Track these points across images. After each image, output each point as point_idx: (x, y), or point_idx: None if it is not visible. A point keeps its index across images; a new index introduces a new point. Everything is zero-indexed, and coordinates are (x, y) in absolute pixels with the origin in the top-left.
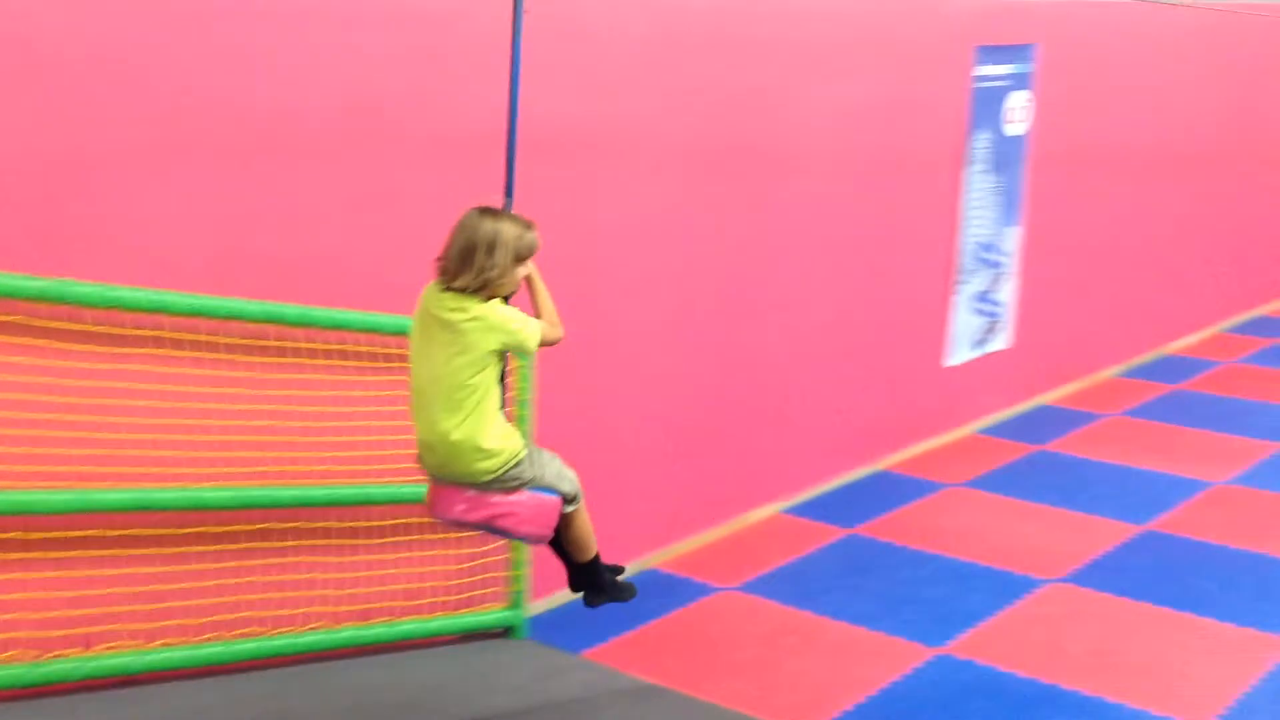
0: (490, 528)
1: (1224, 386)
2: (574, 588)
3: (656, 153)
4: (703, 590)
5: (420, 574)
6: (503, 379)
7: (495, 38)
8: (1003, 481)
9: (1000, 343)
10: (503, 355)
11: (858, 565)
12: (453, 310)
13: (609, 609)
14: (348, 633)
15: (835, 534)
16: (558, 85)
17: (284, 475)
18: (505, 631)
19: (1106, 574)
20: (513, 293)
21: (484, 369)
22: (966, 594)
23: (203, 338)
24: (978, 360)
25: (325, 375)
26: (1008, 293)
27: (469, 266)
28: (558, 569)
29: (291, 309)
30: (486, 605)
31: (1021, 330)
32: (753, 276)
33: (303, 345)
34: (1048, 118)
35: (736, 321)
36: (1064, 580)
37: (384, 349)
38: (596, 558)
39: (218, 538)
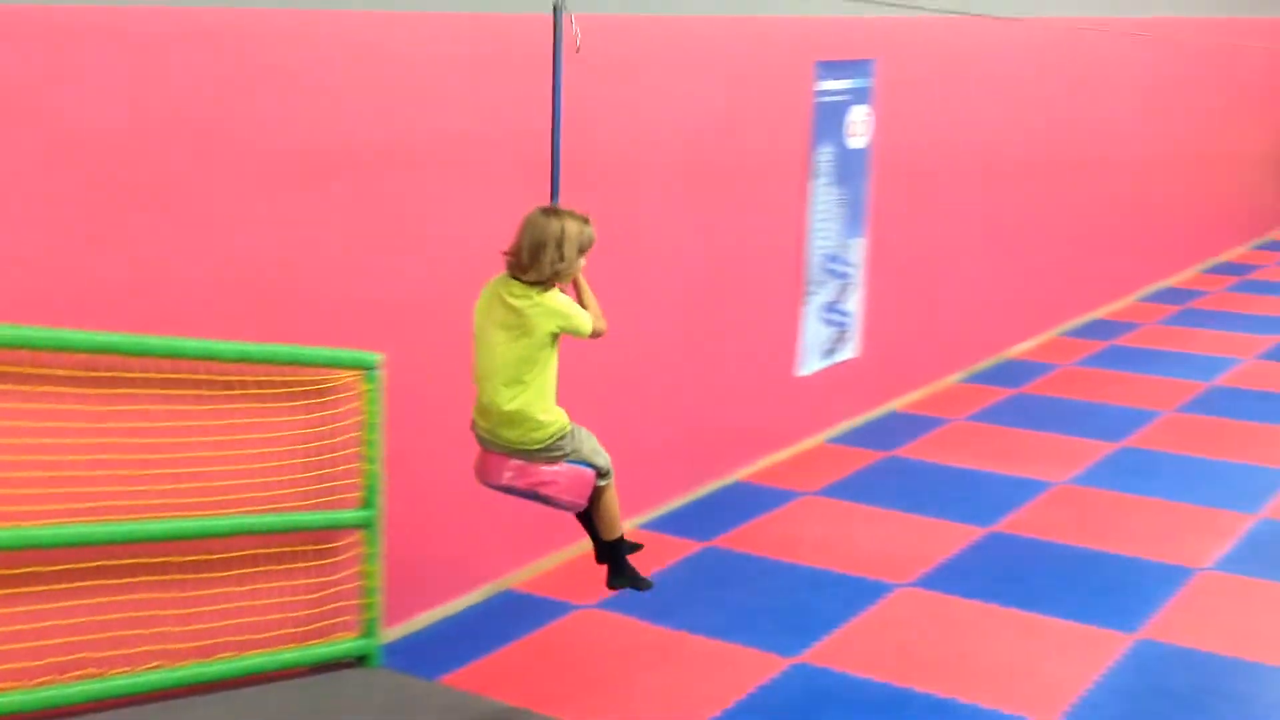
0: (534, 494)
1: (1063, 389)
2: (599, 560)
3: (492, 167)
4: (561, 609)
5: (267, 605)
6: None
7: (291, 60)
8: (854, 488)
9: (849, 352)
10: (557, 338)
11: (714, 578)
12: (519, 298)
13: (469, 631)
14: (190, 670)
15: (692, 547)
16: (385, 101)
17: (120, 509)
18: (359, 661)
19: (955, 576)
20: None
21: (542, 349)
22: (821, 602)
23: (28, 370)
24: (828, 370)
25: (162, 405)
26: (855, 303)
27: (539, 261)
28: (412, 594)
29: (125, 338)
30: (338, 635)
31: (869, 339)
32: (599, 291)
33: (137, 375)
34: (888, 130)
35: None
36: (914, 584)
37: (222, 376)
38: (621, 539)
39: (51, 577)
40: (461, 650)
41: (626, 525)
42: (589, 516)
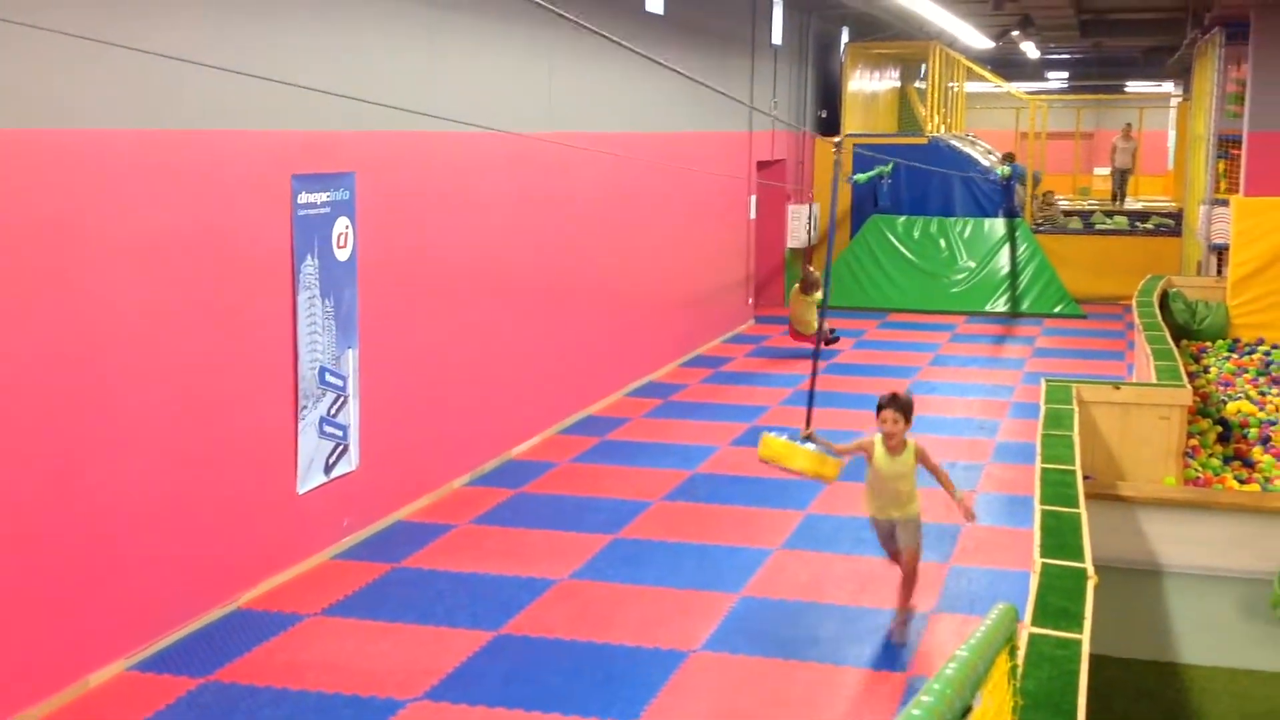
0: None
1: (562, 485)
2: (826, 342)
3: None
4: None
5: None
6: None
7: None
8: (361, 604)
9: (349, 464)
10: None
11: (212, 716)
12: (810, 297)
13: None
14: None
15: (187, 685)
16: None
17: None
18: None
19: (464, 684)
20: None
21: (814, 306)
22: None
23: None
24: (329, 484)
25: None
26: (352, 414)
27: (816, 288)
28: None
29: None
30: None
31: (369, 450)
32: (67, 424)
33: None
34: (376, 241)
35: (53, 469)
36: (424, 698)
37: None
38: (825, 340)
39: None
40: None
41: (116, 667)
42: (819, 333)
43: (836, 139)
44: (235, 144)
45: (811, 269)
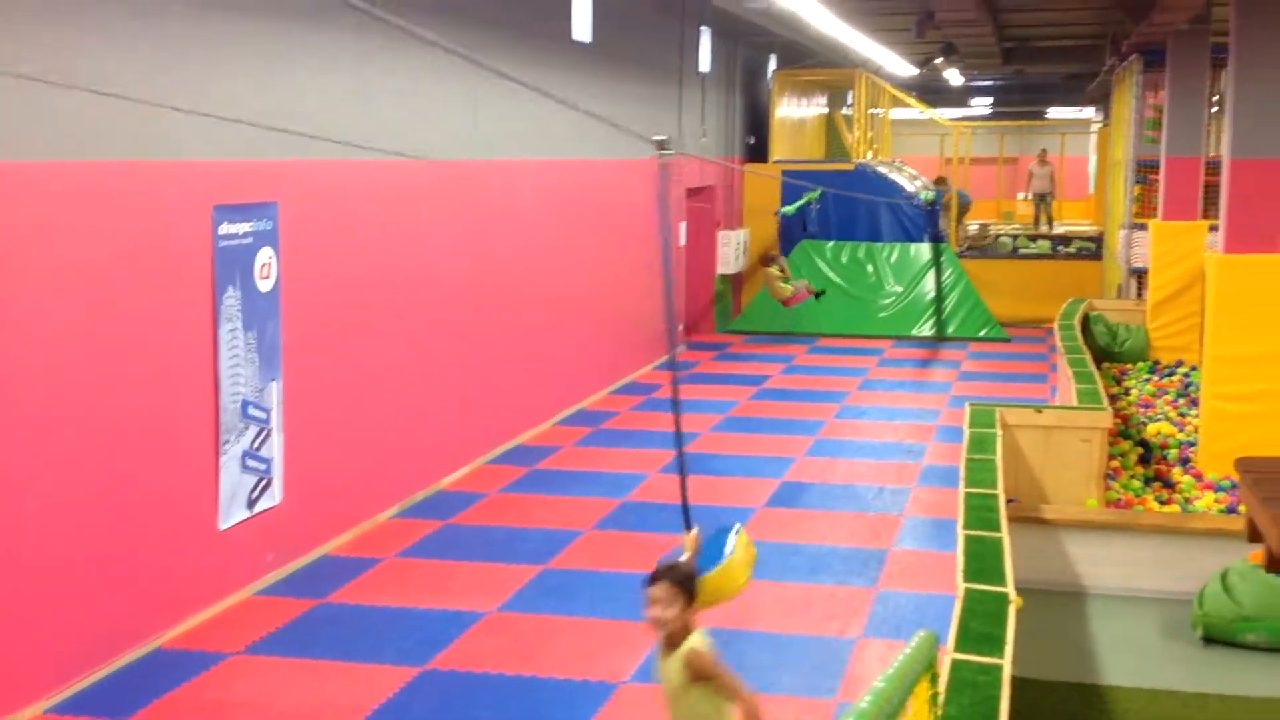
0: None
1: (491, 516)
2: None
3: None
4: None
5: None
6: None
7: None
8: (285, 642)
9: (273, 499)
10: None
11: None
12: (774, 269)
13: None
14: None
15: None
16: None
17: None
18: None
19: None
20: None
21: (774, 281)
22: None
23: None
24: (252, 519)
25: None
26: (276, 447)
27: (774, 263)
28: None
29: None
30: None
31: (293, 483)
32: None
33: None
34: (300, 272)
35: None
36: None
37: None
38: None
39: None
40: None
41: (33, 710)
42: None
43: (663, 137)
44: (155, 174)
45: (768, 250)
